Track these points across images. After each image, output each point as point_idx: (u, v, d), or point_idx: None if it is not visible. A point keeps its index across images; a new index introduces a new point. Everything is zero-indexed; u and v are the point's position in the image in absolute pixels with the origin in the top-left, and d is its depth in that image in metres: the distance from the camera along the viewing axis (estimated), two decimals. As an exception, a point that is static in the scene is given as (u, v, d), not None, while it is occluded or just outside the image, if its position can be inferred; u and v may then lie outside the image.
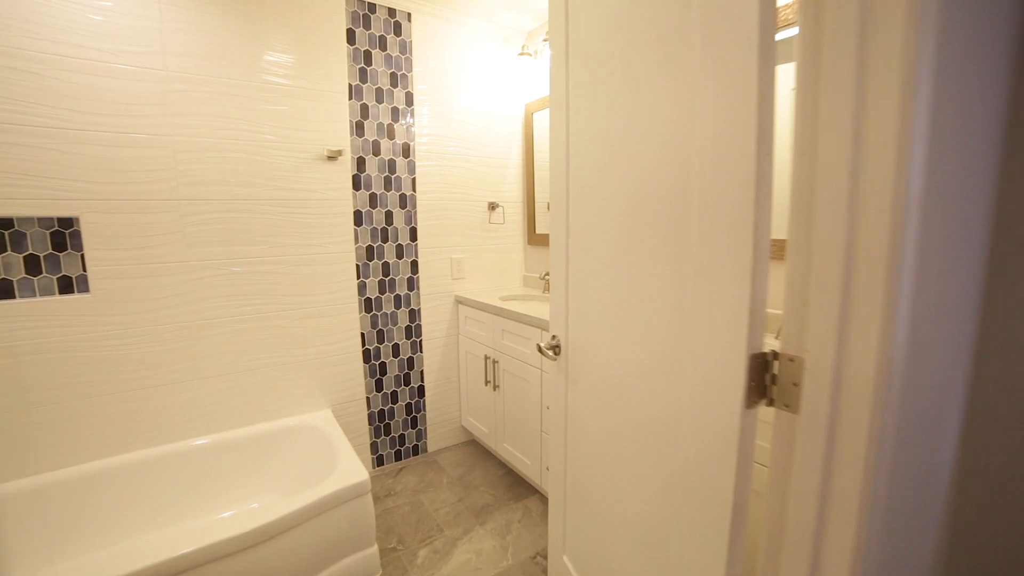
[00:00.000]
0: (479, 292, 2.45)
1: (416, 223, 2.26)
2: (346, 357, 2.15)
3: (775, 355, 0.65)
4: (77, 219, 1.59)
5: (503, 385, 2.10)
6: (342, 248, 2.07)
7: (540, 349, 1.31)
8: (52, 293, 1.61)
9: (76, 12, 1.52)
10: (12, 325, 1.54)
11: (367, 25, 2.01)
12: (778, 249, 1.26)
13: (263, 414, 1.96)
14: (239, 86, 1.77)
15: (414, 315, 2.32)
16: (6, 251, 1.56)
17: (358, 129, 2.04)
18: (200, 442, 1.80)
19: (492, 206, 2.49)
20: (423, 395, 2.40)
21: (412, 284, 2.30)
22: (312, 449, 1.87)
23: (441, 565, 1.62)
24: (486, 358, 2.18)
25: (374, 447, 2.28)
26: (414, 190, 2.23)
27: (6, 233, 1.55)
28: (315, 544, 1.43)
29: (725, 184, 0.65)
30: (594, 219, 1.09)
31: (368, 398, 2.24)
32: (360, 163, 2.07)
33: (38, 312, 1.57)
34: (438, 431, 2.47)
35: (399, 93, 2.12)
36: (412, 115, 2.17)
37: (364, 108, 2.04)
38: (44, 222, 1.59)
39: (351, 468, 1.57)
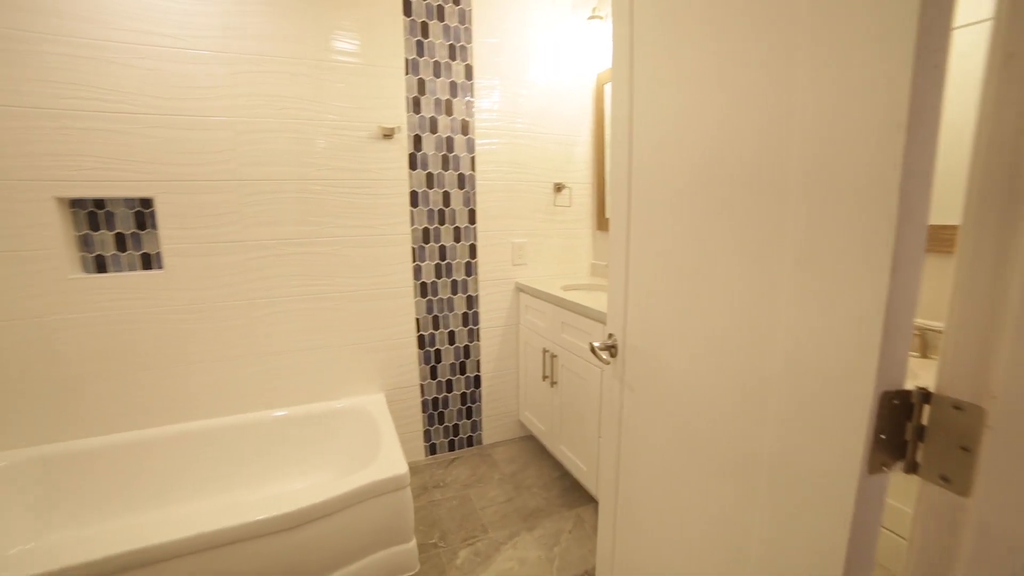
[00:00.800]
0: (541, 280, 2.28)
1: (475, 205, 2.14)
2: (400, 342, 2.10)
3: (926, 396, 0.42)
4: (153, 199, 1.67)
5: (561, 382, 1.93)
6: (397, 230, 2.01)
7: (593, 350, 1.12)
8: (135, 268, 1.72)
9: (150, 1, 1.56)
10: (104, 296, 1.66)
11: (425, -7, 1.89)
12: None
13: (317, 394, 1.98)
14: (296, 64, 1.75)
15: (471, 302, 2.22)
16: (100, 229, 1.68)
17: (414, 105, 1.95)
18: (256, 417, 1.85)
19: (558, 187, 2.29)
20: (479, 385, 2.31)
21: (470, 269, 2.19)
22: (360, 434, 1.85)
23: (480, 570, 1.51)
24: (544, 351, 2.03)
25: (427, 435, 2.23)
26: (473, 170, 2.11)
27: (99, 213, 1.67)
28: (350, 533, 1.38)
29: (849, 124, 0.42)
30: (659, 198, 0.88)
31: (422, 385, 2.19)
32: (416, 141, 1.98)
33: (124, 286, 1.68)
34: (494, 424, 2.37)
35: (458, 66, 1.99)
36: (471, 90, 2.03)
37: (421, 83, 1.94)
38: (129, 202, 1.69)
39: (392, 460, 1.50)
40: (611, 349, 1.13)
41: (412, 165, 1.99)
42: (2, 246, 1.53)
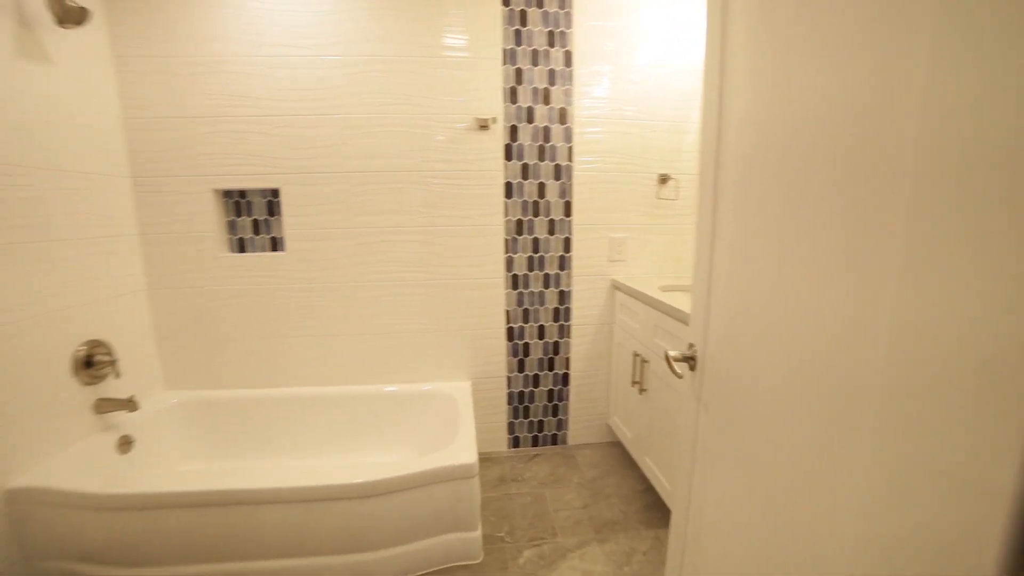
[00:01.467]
0: (640, 278, 2.12)
1: (571, 197, 2.06)
2: (489, 332, 2.12)
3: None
4: (279, 190, 1.91)
5: (651, 389, 1.77)
6: (491, 220, 2.03)
7: (668, 360, 0.99)
8: (266, 250, 1.99)
9: (276, 17, 1.78)
10: (243, 274, 1.96)
11: (524, -19, 1.85)
12: None
13: (408, 375, 2.10)
14: (402, 62, 1.85)
15: (563, 297, 2.15)
16: (241, 216, 1.98)
17: (511, 95, 1.93)
18: (354, 391, 2.03)
19: (663, 179, 2.10)
20: (567, 383, 2.23)
21: (564, 263, 2.12)
22: (442, 418, 1.91)
23: (542, 574, 1.46)
24: (635, 355, 1.88)
25: (511, 428, 2.23)
26: (570, 160, 2.02)
27: (242, 202, 1.97)
28: (416, 512, 1.43)
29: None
30: (741, 186, 0.73)
31: (509, 377, 2.19)
32: (512, 132, 1.96)
33: (257, 264, 1.96)
34: (581, 424, 2.28)
35: (556, 53, 1.92)
36: (571, 77, 1.94)
37: (518, 73, 1.91)
38: (263, 192, 1.96)
39: (463, 448, 1.52)
40: (690, 361, 0.98)
41: (508, 156, 1.98)
42: (179, 228, 1.89)
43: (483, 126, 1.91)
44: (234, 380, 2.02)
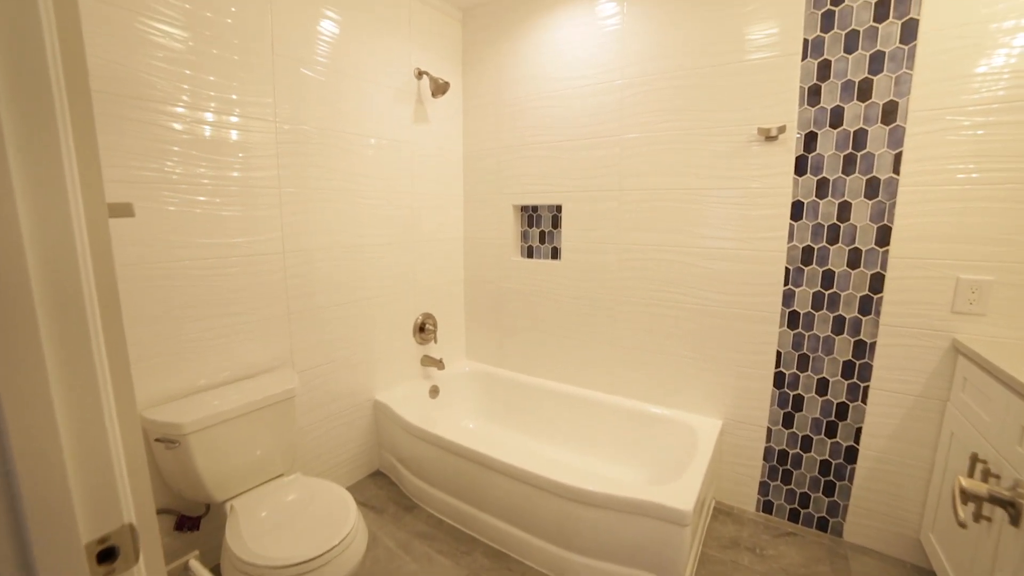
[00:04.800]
0: (1009, 345, 1.40)
1: (892, 219, 1.54)
2: (752, 373, 1.84)
3: None
4: (560, 206, 2.18)
5: (998, 520, 1.17)
6: (770, 246, 1.74)
7: (956, 491, 0.67)
8: (547, 257, 2.33)
9: (571, 52, 2.03)
10: (528, 276, 2.35)
11: (846, -51, 1.46)
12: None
13: (655, 396, 2.05)
14: (680, 76, 1.80)
15: (861, 348, 1.65)
16: (533, 227, 2.37)
17: (810, 96, 1.58)
18: (602, 399, 2.14)
19: (1094, 194, 1.29)
20: (854, 460, 1.71)
21: (867, 306, 1.62)
22: (678, 450, 1.80)
23: None
24: (974, 459, 1.27)
25: (763, 488, 1.88)
26: (896, 171, 1.51)
27: (534, 215, 2.36)
28: (618, 535, 1.43)
29: None
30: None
31: (770, 429, 1.85)
32: (808, 140, 1.61)
33: (539, 269, 2.31)
34: (867, 520, 1.71)
35: (888, 28, 1.44)
36: (910, 57, 1.43)
37: (823, 67, 1.54)
38: (550, 208, 2.29)
39: (681, 492, 1.41)
40: (1008, 508, 0.65)
41: (799, 170, 1.65)
42: (489, 235, 2.44)
43: (769, 137, 1.65)
44: (512, 363, 2.46)
